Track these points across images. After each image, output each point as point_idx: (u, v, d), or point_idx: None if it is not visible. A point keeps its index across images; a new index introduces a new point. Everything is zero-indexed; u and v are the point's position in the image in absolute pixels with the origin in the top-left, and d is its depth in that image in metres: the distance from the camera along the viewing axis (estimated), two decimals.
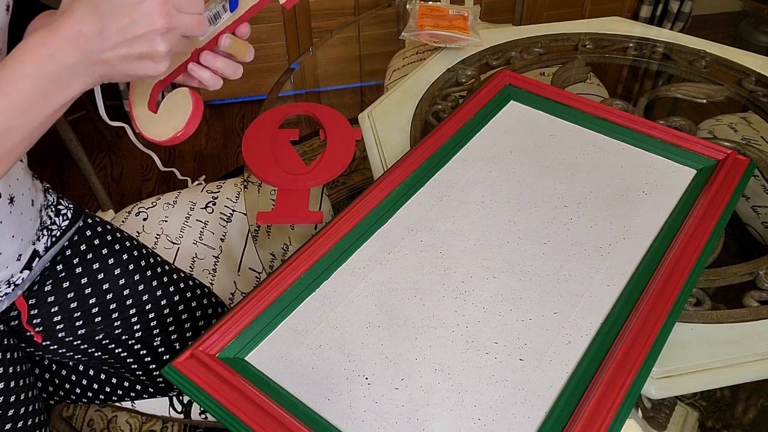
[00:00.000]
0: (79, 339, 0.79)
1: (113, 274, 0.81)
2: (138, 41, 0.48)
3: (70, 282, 0.78)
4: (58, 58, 0.47)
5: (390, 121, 0.87)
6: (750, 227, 0.90)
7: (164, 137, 0.59)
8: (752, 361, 0.59)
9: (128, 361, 0.84)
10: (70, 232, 0.79)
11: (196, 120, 0.59)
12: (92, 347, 0.81)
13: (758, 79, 0.94)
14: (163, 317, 0.84)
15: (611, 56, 1.02)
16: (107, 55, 0.48)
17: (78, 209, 0.81)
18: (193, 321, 0.87)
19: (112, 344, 0.81)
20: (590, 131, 0.81)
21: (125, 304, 0.81)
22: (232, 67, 0.58)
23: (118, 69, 0.49)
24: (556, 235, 0.67)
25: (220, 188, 1.15)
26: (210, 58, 0.57)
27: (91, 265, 0.80)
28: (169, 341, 0.85)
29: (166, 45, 0.49)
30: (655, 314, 0.57)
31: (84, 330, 0.79)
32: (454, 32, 0.99)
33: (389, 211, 0.70)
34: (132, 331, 0.82)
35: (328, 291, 0.63)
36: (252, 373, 0.56)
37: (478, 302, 0.61)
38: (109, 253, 0.81)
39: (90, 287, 0.79)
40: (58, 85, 0.48)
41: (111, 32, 0.47)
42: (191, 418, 0.93)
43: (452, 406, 0.53)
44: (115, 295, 0.80)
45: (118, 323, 0.81)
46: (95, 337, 0.80)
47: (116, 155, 1.91)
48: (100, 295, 0.79)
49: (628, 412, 0.51)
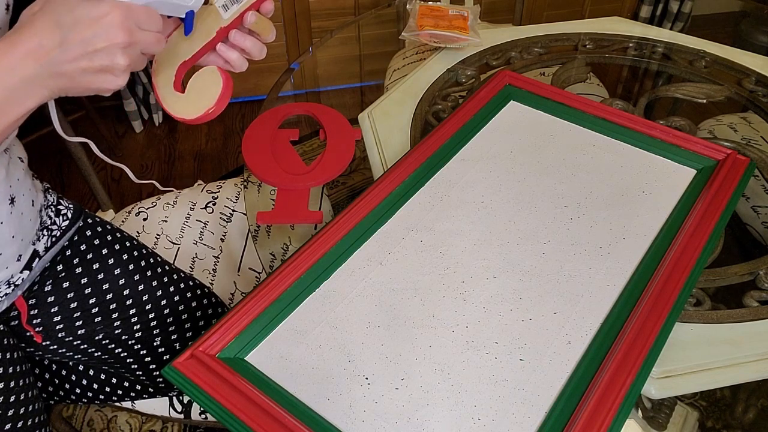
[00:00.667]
0: (79, 339, 0.79)
1: (113, 274, 0.81)
2: (99, 54, 0.48)
3: (70, 282, 0.78)
4: (18, 71, 0.47)
5: (390, 121, 0.87)
6: (750, 227, 0.90)
7: (194, 116, 0.60)
8: (752, 361, 0.59)
9: (128, 361, 0.84)
10: (70, 232, 0.79)
11: (227, 97, 0.60)
12: (92, 347, 0.81)
13: (758, 79, 0.94)
14: (163, 317, 0.84)
15: (611, 56, 1.02)
16: (66, 67, 0.48)
17: (78, 209, 0.81)
18: (193, 321, 0.87)
19: (112, 344, 0.81)
20: (590, 131, 0.81)
21: (125, 304, 0.81)
22: (258, 46, 0.60)
23: (77, 81, 0.49)
24: (556, 235, 0.67)
25: (220, 188, 1.15)
26: (239, 36, 0.59)
27: (91, 265, 0.80)
28: (169, 341, 0.85)
29: (126, 59, 0.49)
30: (655, 314, 0.57)
31: (84, 330, 0.79)
32: (454, 32, 0.99)
33: (389, 211, 0.70)
34: (132, 331, 0.82)
35: (328, 291, 0.63)
36: (252, 373, 0.56)
37: (478, 302, 0.61)
38: (109, 253, 0.81)
39: (90, 287, 0.79)
40: (16, 97, 0.48)
41: (72, 45, 0.47)
42: (191, 418, 0.93)
43: (452, 406, 0.53)
44: (115, 295, 0.80)
45: (118, 323, 0.81)
46: (95, 337, 0.80)
47: (116, 155, 1.91)
48: (100, 294, 0.79)
49: (628, 412, 0.51)
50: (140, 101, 1.99)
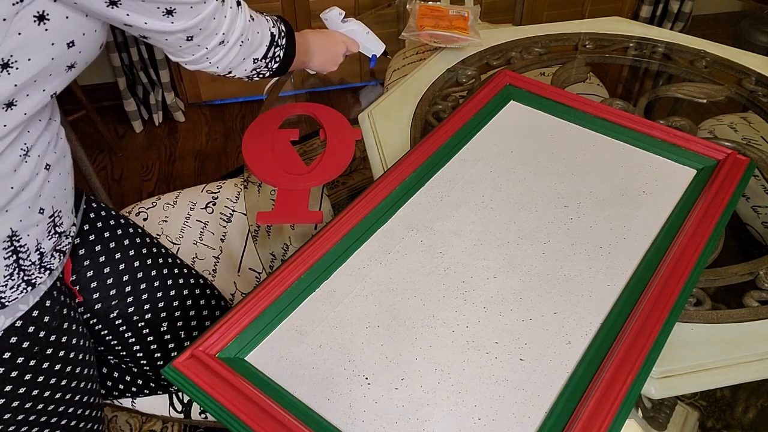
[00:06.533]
0: (95, 316, 0.80)
1: (127, 252, 0.81)
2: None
3: (89, 257, 0.79)
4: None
5: (390, 121, 0.87)
6: (750, 227, 0.90)
7: None
8: (752, 361, 0.59)
9: (135, 348, 0.84)
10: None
11: None
12: (105, 328, 0.81)
13: (758, 79, 0.94)
14: (170, 301, 0.85)
15: (611, 56, 1.02)
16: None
17: (80, 191, 0.81)
18: (198, 312, 0.88)
19: (123, 326, 0.82)
20: (590, 131, 0.81)
21: (138, 279, 0.82)
22: None
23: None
24: (556, 235, 0.67)
25: (220, 188, 1.15)
26: None
27: (107, 242, 0.80)
28: (175, 329, 0.85)
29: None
30: (655, 314, 0.57)
31: (100, 305, 0.79)
32: (454, 32, 0.99)
33: (389, 211, 0.70)
34: (143, 311, 0.82)
35: (328, 291, 0.63)
36: (252, 373, 0.56)
37: (478, 302, 0.61)
38: (123, 235, 0.82)
39: (106, 261, 0.80)
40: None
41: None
42: (191, 418, 0.94)
43: (452, 406, 0.53)
44: (129, 271, 0.81)
45: (131, 300, 0.81)
46: (109, 315, 0.80)
47: (116, 155, 1.91)
48: (114, 270, 0.80)
49: (628, 412, 0.51)
50: (140, 101, 1.99)
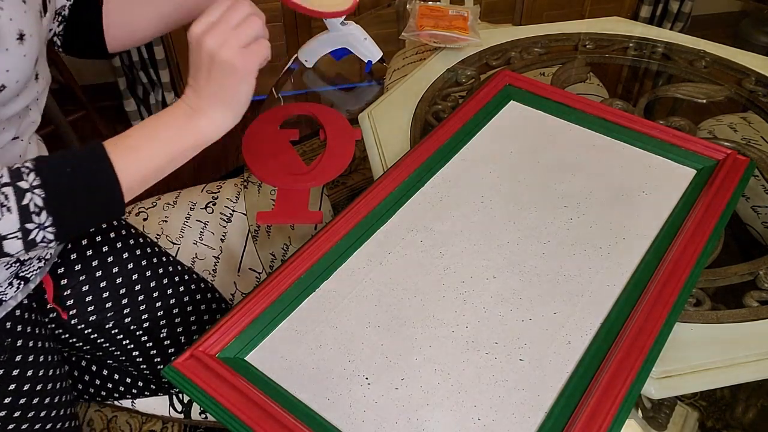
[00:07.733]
0: (90, 327, 0.80)
1: (122, 260, 0.81)
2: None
3: (82, 265, 0.79)
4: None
5: (390, 121, 0.87)
6: (750, 227, 0.90)
7: (337, 9, 0.85)
8: (752, 361, 0.58)
9: (134, 354, 0.84)
10: None
11: None
12: (101, 337, 0.81)
13: (758, 79, 0.94)
14: (170, 308, 0.84)
15: (611, 56, 1.02)
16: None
17: None
18: (198, 315, 0.88)
19: (120, 334, 0.82)
20: (590, 131, 0.81)
21: (134, 290, 0.82)
22: None
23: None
24: (556, 235, 0.67)
25: (220, 188, 1.15)
26: None
27: (101, 248, 0.80)
28: (175, 334, 0.85)
29: None
30: (655, 314, 0.57)
31: (95, 317, 0.79)
32: (453, 32, 0.99)
33: (389, 211, 0.70)
34: (140, 320, 0.82)
35: (328, 291, 0.63)
36: (252, 373, 0.56)
37: (478, 302, 0.61)
38: (117, 238, 0.82)
39: (101, 271, 0.80)
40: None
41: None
42: (191, 418, 0.94)
43: (452, 406, 0.53)
44: (125, 280, 0.81)
45: (127, 311, 0.81)
46: (105, 325, 0.80)
47: None
48: (110, 280, 0.80)
49: (628, 412, 0.51)
50: (140, 101, 1.99)
